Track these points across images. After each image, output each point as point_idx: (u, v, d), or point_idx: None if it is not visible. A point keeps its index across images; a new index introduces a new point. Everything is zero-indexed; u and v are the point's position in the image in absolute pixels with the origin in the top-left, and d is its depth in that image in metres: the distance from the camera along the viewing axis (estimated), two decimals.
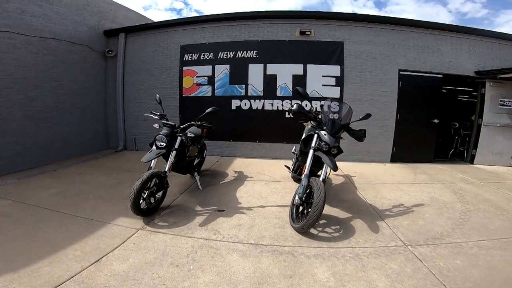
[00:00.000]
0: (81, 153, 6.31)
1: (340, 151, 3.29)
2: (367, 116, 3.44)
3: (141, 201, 3.09)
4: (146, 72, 6.83)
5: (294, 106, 3.44)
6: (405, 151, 6.23)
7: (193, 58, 6.47)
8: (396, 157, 6.26)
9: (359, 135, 3.39)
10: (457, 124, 7.33)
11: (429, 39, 6.03)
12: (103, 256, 2.49)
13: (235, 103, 6.35)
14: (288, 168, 4.64)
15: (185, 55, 6.50)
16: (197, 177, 4.34)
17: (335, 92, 5.96)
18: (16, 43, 4.82)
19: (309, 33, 5.95)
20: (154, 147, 3.48)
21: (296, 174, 4.19)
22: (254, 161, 6.17)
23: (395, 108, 6.07)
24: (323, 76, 6.01)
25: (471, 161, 6.54)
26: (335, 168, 3.01)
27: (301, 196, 3.01)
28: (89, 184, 4.40)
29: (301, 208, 3.09)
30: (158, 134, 3.48)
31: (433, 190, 4.48)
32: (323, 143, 3.18)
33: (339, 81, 6.00)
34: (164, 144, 3.43)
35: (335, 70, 5.99)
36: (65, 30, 5.75)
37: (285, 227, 3.14)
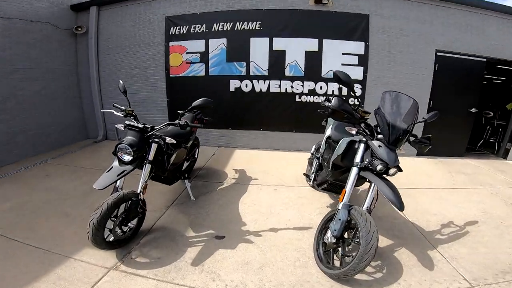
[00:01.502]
0: (53, 147, 5.33)
1: (399, 170, 2.22)
2: (435, 115, 2.42)
3: (107, 233, 2.22)
4: (125, 50, 5.70)
5: (334, 102, 2.24)
6: (435, 143, 5.31)
7: (181, 32, 5.32)
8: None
9: (425, 144, 2.35)
10: (491, 113, 6.43)
11: (473, 18, 5.00)
12: None
13: (234, 84, 5.31)
14: (307, 176, 3.58)
15: (172, 28, 5.35)
16: (188, 185, 3.42)
17: (357, 73, 4.94)
18: None
19: (326, 1, 4.81)
20: (115, 162, 2.49)
21: (319, 187, 3.17)
22: (258, 154, 5.25)
23: (428, 94, 5.12)
24: (343, 53, 4.96)
25: (505, 155, 5.72)
26: (402, 207, 2.02)
27: (337, 234, 2.11)
28: (54, 193, 3.51)
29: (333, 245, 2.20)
30: (121, 143, 2.45)
31: (481, 198, 3.68)
32: (377, 161, 2.15)
33: (363, 60, 4.96)
34: (131, 158, 2.42)
35: (358, 47, 4.93)
36: (17, 6, 4.62)
37: (308, 265, 2.31)
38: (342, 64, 4.96)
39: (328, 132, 3.15)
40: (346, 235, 2.15)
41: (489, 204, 3.52)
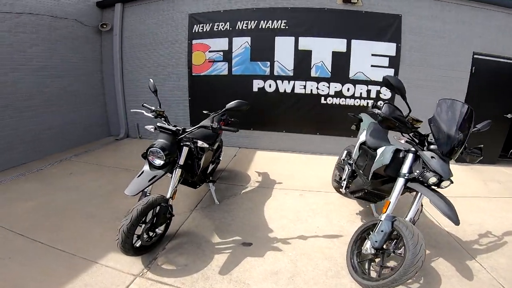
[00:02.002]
0: (77, 144, 5.39)
1: (451, 182, 2.06)
2: (488, 124, 2.27)
3: (135, 239, 2.15)
4: (148, 48, 5.68)
5: (384, 109, 2.13)
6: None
7: (204, 30, 5.24)
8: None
9: (477, 155, 2.20)
10: None
11: None
12: None
13: (257, 84, 5.18)
14: (338, 182, 3.38)
15: (195, 26, 5.27)
16: (212, 188, 3.33)
17: (387, 74, 4.67)
18: None
19: (355, 1, 4.60)
20: (146, 166, 2.39)
21: (353, 195, 2.99)
22: (281, 156, 5.12)
23: (463, 98, 4.82)
24: (372, 54, 4.73)
25: None
26: (458, 222, 1.89)
27: (379, 246, 2.00)
28: (78, 192, 3.50)
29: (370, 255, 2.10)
30: (153, 146, 2.35)
31: None
32: (430, 174, 1.99)
33: (394, 62, 4.73)
34: (162, 162, 2.33)
35: (389, 48, 4.70)
36: (44, 3, 4.64)
37: (340, 275, 2.19)
38: (372, 66, 4.76)
39: (362, 137, 2.99)
40: (385, 246, 2.04)
41: None
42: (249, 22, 5.00)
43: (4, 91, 4.11)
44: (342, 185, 3.08)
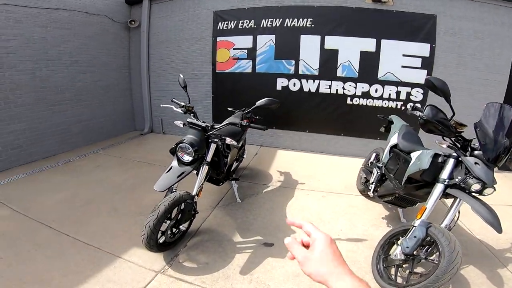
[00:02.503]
0: (104, 137, 5.57)
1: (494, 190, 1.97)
2: None
3: (159, 235, 2.16)
4: (174, 44, 5.74)
5: (427, 111, 2.05)
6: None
7: (229, 27, 5.22)
8: None
9: None
10: None
11: None
12: None
13: (281, 83, 5.11)
14: (365, 185, 3.25)
15: (220, 23, 5.27)
16: (235, 186, 3.33)
17: (419, 76, 4.48)
18: (18, 17, 3.93)
19: (385, 0, 4.42)
20: (174, 162, 2.39)
21: (382, 199, 2.90)
22: (302, 156, 5.03)
23: (501, 101, 4.55)
24: (403, 55, 4.52)
25: None
26: (501, 230, 1.79)
27: (410, 252, 1.92)
28: (104, 185, 3.60)
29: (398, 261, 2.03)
30: (182, 142, 2.34)
31: None
32: (473, 180, 1.90)
33: (427, 63, 4.50)
34: (191, 158, 2.32)
35: (422, 49, 4.47)
36: None
37: (365, 279, 2.05)
38: (402, 66, 4.55)
39: (393, 140, 2.87)
40: (415, 253, 1.97)
41: None
42: (274, 20, 4.93)
43: (38, 84, 4.31)
44: (370, 188, 2.98)
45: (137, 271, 2.15)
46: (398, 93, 4.68)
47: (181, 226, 2.33)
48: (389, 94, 4.68)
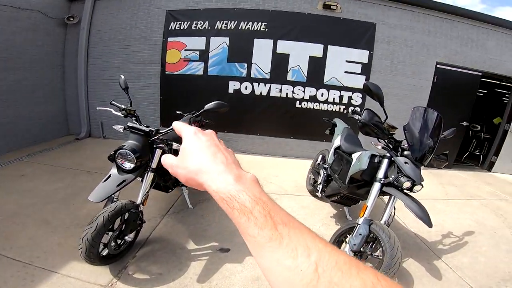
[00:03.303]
0: (31, 143, 4.83)
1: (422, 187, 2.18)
2: (453, 132, 2.49)
3: (101, 247, 1.92)
4: (119, 43, 5.34)
5: (364, 115, 2.17)
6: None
7: (182, 28, 5.04)
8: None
9: (443, 161, 2.32)
10: (478, 127, 6.59)
11: (474, 32, 5.10)
12: None
13: (233, 86, 5.08)
14: (313, 186, 3.36)
15: (172, 23, 5.06)
16: (185, 192, 3.13)
17: (359, 81, 4.85)
18: None
19: (335, 7, 4.72)
20: (113, 170, 2.14)
21: (329, 199, 3.02)
22: (255, 160, 5.05)
23: (425, 106, 5.18)
24: (346, 61, 4.87)
25: (489, 168, 5.94)
26: (431, 224, 1.98)
27: (357, 249, 2.01)
28: (31, 196, 3.11)
29: None
30: (122, 148, 2.11)
31: (473, 210, 3.82)
32: (404, 179, 2.07)
33: (366, 69, 4.90)
34: (133, 165, 2.11)
35: (362, 55, 4.87)
36: None
37: None
38: (345, 72, 4.89)
39: (336, 142, 3.03)
40: (362, 249, 2.07)
41: (481, 216, 3.62)
42: (229, 22, 4.91)
43: None
44: (318, 189, 3.09)
45: (80, 286, 1.91)
46: (341, 97, 5.00)
47: (126, 237, 2.11)
48: (334, 98, 4.98)
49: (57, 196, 3.15)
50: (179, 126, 0.48)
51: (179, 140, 1.69)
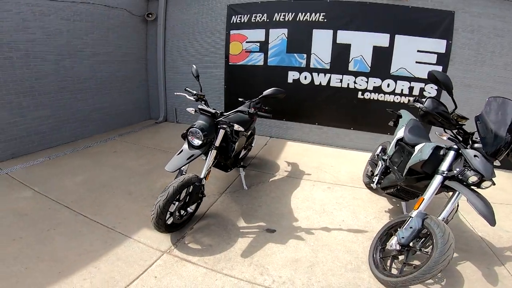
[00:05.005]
0: (121, 125, 5.85)
1: (493, 184, 1.99)
2: None
3: (167, 216, 2.30)
4: (189, 37, 5.89)
5: (427, 103, 2.10)
6: None
7: (242, 21, 5.31)
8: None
9: None
10: None
11: None
12: None
13: (292, 76, 5.16)
14: (369, 178, 3.34)
15: (233, 16, 5.36)
16: (242, 173, 3.46)
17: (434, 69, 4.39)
18: (44, 10, 4.16)
19: None
20: (185, 145, 2.55)
21: (384, 191, 2.93)
22: (311, 148, 5.10)
23: (503, 97, 4.42)
24: (418, 51, 4.45)
25: None
26: (494, 222, 1.82)
27: (405, 242, 1.97)
28: (120, 169, 3.82)
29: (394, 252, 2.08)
30: (192, 126, 2.50)
31: None
32: (471, 172, 1.93)
33: (442, 59, 4.41)
34: (200, 142, 2.47)
35: (437, 45, 4.38)
36: None
37: (361, 269, 2.19)
38: (416, 62, 4.48)
39: (399, 134, 2.91)
40: (411, 244, 2.01)
41: None
42: (286, 14, 4.96)
43: (63, 74, 4.57)
44: (374, 180, 3.02)
45: (145, 251, 2.28)
46: (411, 88, 4.62)
47: (188, 208, 2.49)
48: (402, 90, 4.63)
49: (139, 171, 3.79)
50: None
51: (239, 122, 2.02)
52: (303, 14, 4.86)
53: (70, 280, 1.94)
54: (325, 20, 4.76)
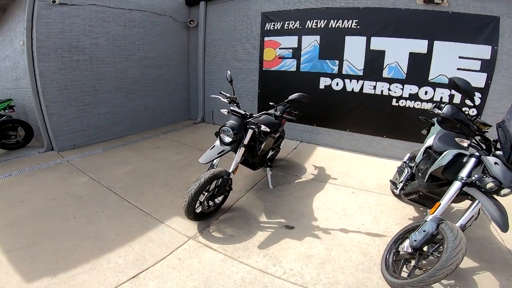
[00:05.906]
0: (164, 123, 6.43)
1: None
2: None
3: (197, 205, 2.60)
4: (225, 43, 6.30)
5: (446, 109, 2.06)
6: None
7: (275, 28, 5.54)
8: None
9: None
10: None
11: None
12: (143, 271, 2.14)
13: (324, 82, 5.24)
14: (394, 183, 3.34)
15: (267, 23, 5.61)
16: (269, 173, 3.66)
17: (477, 79, 4.17)
18: (105, 17, 4.82)
19: (439, 1, 4.21)
20: (217, 142, 2.87)
21: (407, 197, 2.92)
22: (340, 154, 5.11)
23: None
24: (459, 57, 4.24)
25: None
26: (506, 228, 1.80)
27: (417, 245, 2.00)
28: (161, 163, 4.29)
29: (406, 255, 2.11)
30: (224, 125, 2.82)
31: None
32: (488, 179, 1.91)
33: (487, 66, 4.15)
34: (230, 139, 2.77)
35: (482, 51, 4.14)
36: (147, 0, 5.58)
37: (372, 270, 2.24)
38: (458, 69, 4.26)
39: (429, 141, 2.88)
40: (425, 248, 2.02)
41: None
42: (319, 21, 5.07)
43: (119, 76, 5.23)
44: (398, 186, 3.03)
45: (174, 235, 2.57)
46: (451, 96, 4.40)
47: (216, 199, 2.76)
48: (441, 97, 4.43)
49: (177, 165, 4.22)
50: None
51: (267, 124, 2.32)
52: (335, 21, 4.94)
53: (108, 256, 2.28)
54: (358, 26, 4.78)
